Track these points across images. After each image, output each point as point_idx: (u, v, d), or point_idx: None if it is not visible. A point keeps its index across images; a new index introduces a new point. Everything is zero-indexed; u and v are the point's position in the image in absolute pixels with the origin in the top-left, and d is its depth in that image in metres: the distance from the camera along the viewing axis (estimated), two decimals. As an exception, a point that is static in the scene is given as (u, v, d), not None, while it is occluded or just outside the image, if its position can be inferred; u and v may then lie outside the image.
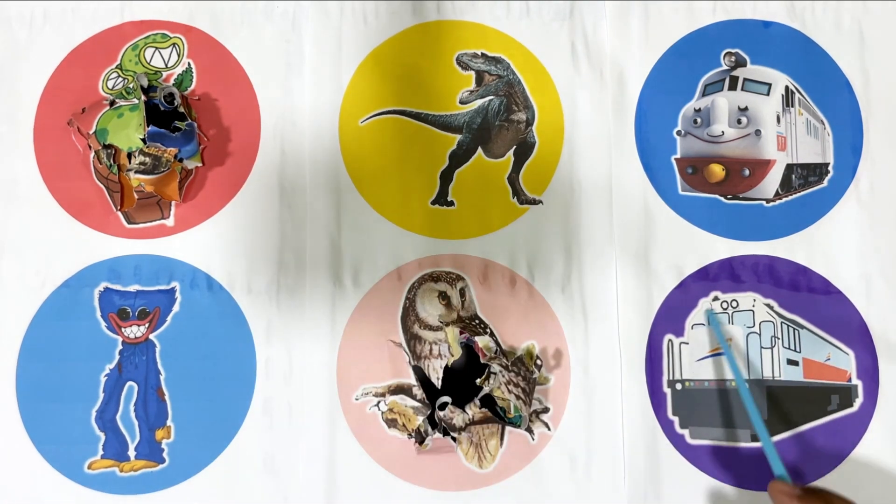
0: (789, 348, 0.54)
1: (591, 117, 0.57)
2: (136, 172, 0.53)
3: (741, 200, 0.56)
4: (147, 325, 0.54)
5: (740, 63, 0.57)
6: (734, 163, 0.56)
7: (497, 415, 0.52)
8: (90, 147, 0.56)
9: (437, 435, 0.52)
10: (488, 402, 0.52)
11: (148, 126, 0.53)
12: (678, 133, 0.57)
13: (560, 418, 0.53)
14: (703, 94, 0.57)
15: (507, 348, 0.54)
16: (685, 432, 0.53)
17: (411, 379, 0.54)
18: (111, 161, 0.55)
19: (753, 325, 0.54)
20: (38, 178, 0.56)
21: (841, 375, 0.54)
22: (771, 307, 0.54)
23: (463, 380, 0.53)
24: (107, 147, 0.55)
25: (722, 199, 0.56)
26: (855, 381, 0.54)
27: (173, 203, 0.56)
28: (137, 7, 0.59)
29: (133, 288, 0.55)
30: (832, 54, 0.57)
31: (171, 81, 0.57)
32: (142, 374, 0.54)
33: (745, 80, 0.57)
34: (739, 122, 0.56)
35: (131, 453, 0.53)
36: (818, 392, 0.54)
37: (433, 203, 0.56)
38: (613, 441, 0.53)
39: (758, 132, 0.56)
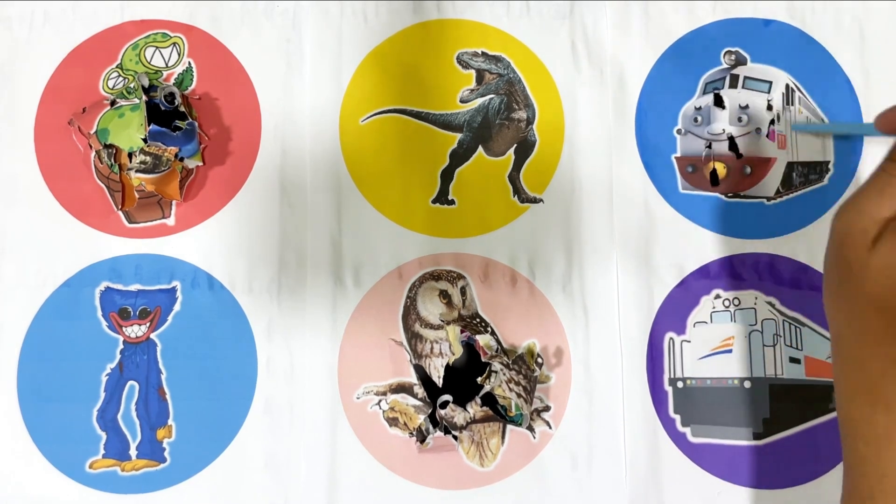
0: (791, 346, 0.54)
1: (591, 116, 0.57)
2: (136, 171, 0.53)
3: (742, 198, 0.56)
4: (148, 325, 0.54)
5: (740, 61, 0.57)
6: (735, 161, 0.56)
7: (498, 413, 0.52)
8: (91, 147, 0.56)
9: (439, 433, 0.52)
10: (489, 400, 0.52)
11: (149, 125, 0.53)
12: (678, 132, 0.57)
13: (561, 416, 0.53)
14: (704, 93, 0.57)
15: (507, 347, 0.54)
16: (687, 430, 0.53)
17: (412, 377, 0.54)
18: (112, 160, 0.55)
19: (755, 323, 0.54)
20: (39, 178, 0.56)
21: (842, 373, 0.54)
22: (773, 305, 0.54)
23: (464, 378, 0.53)
24: (108, 147, 0.55)
25: (723, 197, 0.56)
26: (856, 378, 0.54)
27: (174, 202, 0.56)
28: (138, 6, 0.59)
29: (134, 287, 0.55)
30: (832, 53, 0.57)
31: (172, 81, 0.57)
32: (143, 373, 0.54)
33: (745, 78, 0.57)
34: (740, 119, 0.56)
35: (132, 452, 0.53)
36: (820, 390, 0.54)
37: (434, 202, 0.56)
38: (615, 439, 0.53)
39: (758, 130, 0.56)
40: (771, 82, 0.57)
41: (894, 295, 0.37)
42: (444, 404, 0.52)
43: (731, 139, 0.56)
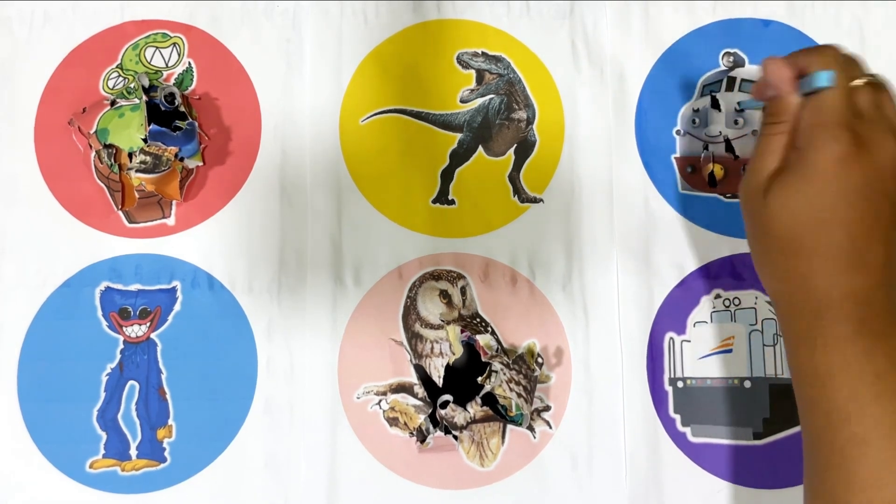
0: (791, 345, 0.54)
1: (591, 116, 0.57)
2: (136, 171, 0.53)
3: (741, 199, 0.56)
4: (148, 325, 0.54)
5: (738, 63, 0.57)
6: (732, 163, 0.56)
7: (498, 413, 0.52)
8: (91, 147, 0.56)
9: (439, 433, 0.52)
10: (489, 400, 0.52)
11: (149, 125, 0.53)
12: (677, 133, 0.57)
13: (561, 416, 0.53)
14: (702, 95, 0.57)
15: (508, 346, 0.54)
16: (687, 430, 0.53)
17: (412, 377, 0.54)
18: (112, 161, 0.55)
19: (756, 323, 0.54)
20: (39, 178, 0.56)
21: (842, 373, 0.54)
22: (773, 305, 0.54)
23: (464, 378, 0.53)
24: (108, 147, 0.55)
25: (721, 198, 0.56)
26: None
27: (174, 202, 0.56)
28: (138, 6, 0.59)
29: (134, 287, 0.55)
30: (832, 53, 0.57)
31: (172, 81, 0.57)
32: (143, 373, 0.54)
33: (742, 80, 0.57)
34: (736, 122, 0.57)
35: (133, 452, 0.53)
36: (819, 389, 0.54)
37: (434, 202, 0.56)
38: (615, 439, 0.53)
39: (754, 132, 0.56)
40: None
41: (793, 226, 0.43)
42: (445, 404, 0.52)
43: (728, 141, 0.56)
